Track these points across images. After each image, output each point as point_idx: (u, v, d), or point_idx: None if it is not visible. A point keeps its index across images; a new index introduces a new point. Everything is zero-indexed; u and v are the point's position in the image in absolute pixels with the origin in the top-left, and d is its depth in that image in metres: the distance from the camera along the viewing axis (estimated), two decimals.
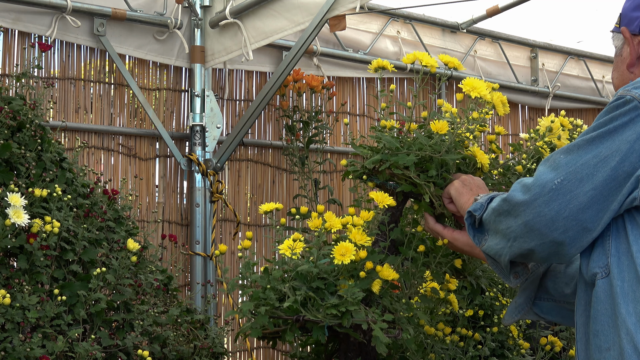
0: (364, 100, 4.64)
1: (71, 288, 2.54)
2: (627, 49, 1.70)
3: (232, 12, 3.76)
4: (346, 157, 4.32)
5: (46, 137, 2.77)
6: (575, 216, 1.49)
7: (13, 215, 2.35)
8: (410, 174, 2.12)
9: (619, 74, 1.73)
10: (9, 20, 3.46)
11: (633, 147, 1.46)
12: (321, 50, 4.32)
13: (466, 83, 2.22)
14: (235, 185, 4.13)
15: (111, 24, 3.71)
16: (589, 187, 1.48)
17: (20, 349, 2.28)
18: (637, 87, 1.51)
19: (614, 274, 1.49)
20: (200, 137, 3.90)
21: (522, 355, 3.14)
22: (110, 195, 2.87)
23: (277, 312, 2.12)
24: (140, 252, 2.80)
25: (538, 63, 5.26)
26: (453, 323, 2.97)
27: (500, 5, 4.48)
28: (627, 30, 1.68)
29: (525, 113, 5.40)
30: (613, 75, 1.77)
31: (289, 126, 4.11)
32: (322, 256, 2.15)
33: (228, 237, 4.05)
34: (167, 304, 2.92)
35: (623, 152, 1.46)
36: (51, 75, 3.63)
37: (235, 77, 4.20)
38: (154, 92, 3.95)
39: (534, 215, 1.52)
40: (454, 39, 4.90)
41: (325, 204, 4.14)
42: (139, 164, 3.85)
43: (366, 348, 2.31)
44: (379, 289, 2.16)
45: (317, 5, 3.48)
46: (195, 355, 2.80)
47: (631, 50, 1.68)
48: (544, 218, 1.50)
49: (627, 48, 1.69)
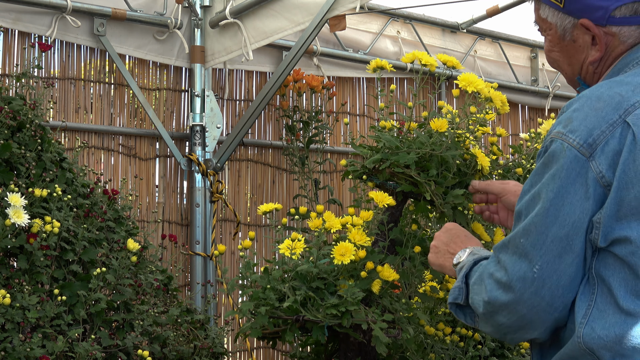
0: (364, 100, 4.65)
1: (71, 288, 2.54)
2: (585, 38, 1.56)
3: (232, 12, 3.76)
4: (346, 157, 4.32)
5: (46, 137, 2.77)
6: (570, 288, 1.43)
7: (13, 215, 2.35)
8: (411, 172, 2.13)
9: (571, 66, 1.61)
10: (9, 20, 3.46)
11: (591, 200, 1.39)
12: (321, 50, 4.32)
13: (462, 78, 2.20)
14: (235, 185, 4.13)
15: (111, 24, 3.71)
16: (570, 258, 1.41)
17: (20, 349, 2.28)
18: (573, 131, 1.41)
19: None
20: (200, 137, 3.90)
21: (522, 355, 3.14)
22: (110, 195, 2.87)
23: (277, 312, 2.13)
24: (140, 252, 2.80)
25: (538, 63, 5.26)
26: (453, 323, 2.97)
27: (500, 5, 4.48)
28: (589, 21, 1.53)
29: (525, 113, 5.40)
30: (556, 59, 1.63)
31: (289, 126, 4.11)
32: (322, 256, 2.15)
33: (228, 237, 4.05)
34: (167, 304, 2.92)
35: (588, 210, 1.39)
36: (51, 75, 3.63)
37: (235, 77, 4.21)
38: (154, 92, 3.95)
39: (529, 309, 1.43)
40: (454, 39, 4.90)
41: (325, 204, 4.14)
42: (139, 164, 3.85)
43: (366, 348, 2.31)
44: (378, 289, 2.16)
45: (317, 5, 3.48)
46: (195, 355, 2.80)
47: (600, 44, 1.55)
48: (540, 307, 1.42)
49: (586, 37, 1.56)
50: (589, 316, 1.40)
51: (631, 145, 1.38)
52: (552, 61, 1.65)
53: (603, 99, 1.43)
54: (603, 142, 1.39)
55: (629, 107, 1.41)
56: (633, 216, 1.38)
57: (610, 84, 1.48)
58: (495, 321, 1.48)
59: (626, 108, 1.41)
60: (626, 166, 1.38)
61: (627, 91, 1.44)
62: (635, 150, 1.38)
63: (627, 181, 1.38)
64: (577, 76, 1.62)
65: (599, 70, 1.59)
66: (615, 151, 1.39)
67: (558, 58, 1.63)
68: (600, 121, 1.41)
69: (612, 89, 1.45)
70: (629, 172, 1.38)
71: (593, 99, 1.44)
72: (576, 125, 1.42)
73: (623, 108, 1.41)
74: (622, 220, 1.39)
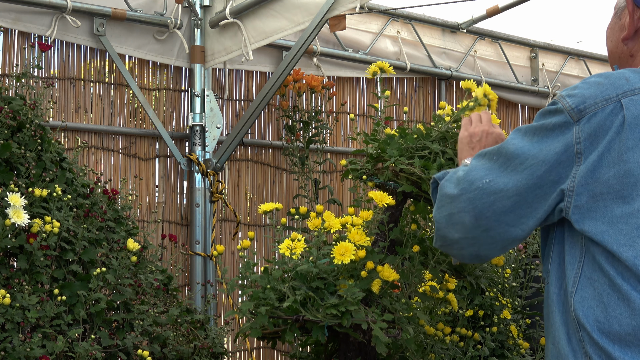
0: (364, 100, 4.65)
1: (71, 288, 2.54)
2: (626, 16, 1.62)
3: (232, 12, 3.76)
4: (346, 157, 4.32)
5: (46, 137, 2.77)
6: (497, 217, 1.52)
7: (13, 215, 2.35)
8: (415, 169, 2.12)
9: (613, 42, 1.67)
10: (9, 20, 3.46)
11: (560, 158, 1.46)
12: (321, 50, 4.32)
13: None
14: (235, 185, 4.13)
15: (111, 24, 3.71)
16: (513, 191, 1.50)
17: (20, 349, 2.28)
18: (571, 95, 1.48)
19: (552, 281, 1.52)
20: (200, 137, 3.90)
21: (522, 355, 3.14)
22: (110, 195, 2.87)
23: (277, 312, 2.13)
24: (140, 252, 2.80)
25: (538, 63, 5.26)
26: (453, 323, 2.97)
27: (500, 5, 4.48)
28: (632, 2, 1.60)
29: (525, 113, 5.40)
30: (607, 35, 1.70)
31: (289, 126, 4.11)
32: (322, 256, 2.15)
33: (228, 237, 4.06)
34: (167, 304, 2.92)
35: (550, 162, 1.47)
36: (51, 75, 3.63)
37: (235, 77, 4.21)
38: (154, 92, 3.95)
39: (458, 210, 1.55)
40: (454, 39, 4.90)
41: (325, 204, 4.15)
42: (139, 164, 3.85)
43: (366, 348, 2.31)
44: (378, 289, 2.16)
45: (317, 5, 3.48)
46: (195, 355, 2.80)
47: (629, 23, 1.61)
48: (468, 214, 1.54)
49: (627, 17, 1.62)
50: (578, 284, 1.46)
51: (619, 127, 1.42)
52: (606, 39, 1.71)
53: (610, 78, 1.48)
54: (592, 113, 1.45)
55: (628, 90, 1.45)
56: (609, 195, 1.42)
57: (629, 70, 1.52)
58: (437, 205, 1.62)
59: (626, 90, 1.45)
60: (611, 145, 1.42)
61: (636, 77, 1.48)
62: (622, 133, 1.42)
63: (610, 160, 1.42)
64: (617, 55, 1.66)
65: (634, 52, 1.63)
66: (600, 125, 1.44)
67: (608, 35, 1.69)
68: (597, 94, 1.46)
69: (623, 73, 1.49)
70: (612, 152, 1.42)
71: (603, 76, 1.50)
72: (576, 92, 1.48)
73: (623, 89, 1.45)
74: (597, 200, 1.43)
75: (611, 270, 1.41)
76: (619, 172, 1.41)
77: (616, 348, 1.38)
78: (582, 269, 1.46)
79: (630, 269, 1.39)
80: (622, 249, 1.40)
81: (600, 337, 1.40)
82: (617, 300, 1.40)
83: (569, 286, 1.46)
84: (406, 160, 2.15)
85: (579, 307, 1.43)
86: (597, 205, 1.43)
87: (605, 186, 1.42)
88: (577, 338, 1.44)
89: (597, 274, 1.43)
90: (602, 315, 1.41)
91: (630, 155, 1.41)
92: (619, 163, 1.41)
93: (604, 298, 1.41)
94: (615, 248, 1.40)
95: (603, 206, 1.43)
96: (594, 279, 1.43)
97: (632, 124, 1.42)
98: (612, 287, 1.41)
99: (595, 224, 1.43)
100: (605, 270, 1.42)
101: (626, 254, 1.39)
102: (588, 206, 1.44)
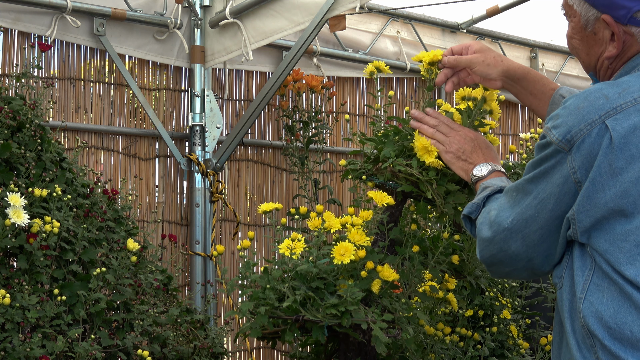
0: (364, 100, 4.65)
1: (71, 288, 2.54)
2: (605, 32, 1.59)
3: (232, 12, 3.76)
4: (346, 157, 4.32)
5: (46, 137, 2.77)
6: (534, 249, 1.57)
7: (13, 215, 2.35)
8: (413, 171, 2.12)
9: (591, 56, 1.65)
10: (9, 20, 3.46)
11: (563, 189, 1.48)
12: (321, 50, 4.32)
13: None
14: (235, 185, 4.14)
15: (111, 24, 3.71)
16: (535, 227, 1.55)
17: (20, 349, 2.28)
18: (556, 127, 1.49)
19: (565, 287, 1.53)
20: (200, 137, 3.90)
21: (522, 355, 3.14)
22: (110, 195, 2.87)
23: (277, 312, 2.12)
24: (140, 252, 2.80)
25: (538, 63, 5.26)
26: (453, 323, 2.97)
27: (500, 5, 4.48)
28: (611, 18, 1.56)
29: (525, 113, 5.40)
30: (575, 45, 1.67)
31: (288, 126, 4.11)
32: (322, 256, 2.15)
33: (228, 237, 4.06)
34: (167, 304, 2.92)
35: (556, 195, 1.50)
36: (51, 75, 3.63)
37: (235, 77, 4.21)
38: (154, 92, 3.95)
39: (498, 250, 1.62)
40: (454, 39, 4.90)
41: (325, 204, 4.15)
42: (139, 164, 3.86)
43: (366, 348, 2.31)
44: (378, 289, 2.16)
45: (317, 5, 3.48)
46: (195, 355, 2.80)
47: (617, 42, 1.58)
48: (507, 253, 1.60)
49: (606, 32, 1.59)
50: (587, 290, 1.48)
51: (607, 149, 1.42)
52: (572, 48, 1.70)
53: (589, 99, 1.48)
54: (579, 140, 1.45)
55: (610, 110, 1.45)
56: (611, 216, 1.43)
57: (605, 85, 1.51)
58: (479, 247, 1.68)
59: (608, 110, 1.45)
60: (602, 168, 1.43)
61: (614, 94, 1.47)
62: (612, 154, 1.42)
63: (603, 183, 1.42)
64: (593, 67, 1.66)
65: (613, 66, 1.63)
66: (589, 150, 1.44)
67: (578, 46, 1.67)
68: (580, 120, 1.46)
69: (601, 91, 1.48)
70: (604, 174, 1.42)
71: (581, 98, 1.49)
72: (559, 122, 1.50)
73: (605, 110, 1.45)
74: (602, 222, 1.44)
75: (619, 279, 1.42)
76: (615, 194, 1.42)
77: (629, 353, 1.39)
78: (592, 276, 1.47)
79: (636, 285, 1.40)
80: (623, 267, 1.41)
81: (613, 343, 1.41)
82: (628, 307, 1.41)
83: (578, 292, 1.47)
84: (404, 160, 2.14)
85: (588, 313, 1.44)
86: (601, 224, 1.45)
87: (605, 209, 1.43)
88: (587, 344, 1.45)
89: (607, 282, 1.44)
90: (612, 321, 1.41)
91: (625, 176, 1.41)
92: (614, 185, 1.42)
93: (614, 305, 1.42)
94: (617, 266, 1.42)
95: (607, 224, 1.44)
96: (603, 287, 1.44)
97: (621, 143, 1.42)
98: (622, 294, 1.42)
99: (599, 241, 1.45)
100: (614, 279, 1.43)
101: (628, 271, 1.41)
102: (593, 227, 1.46)
